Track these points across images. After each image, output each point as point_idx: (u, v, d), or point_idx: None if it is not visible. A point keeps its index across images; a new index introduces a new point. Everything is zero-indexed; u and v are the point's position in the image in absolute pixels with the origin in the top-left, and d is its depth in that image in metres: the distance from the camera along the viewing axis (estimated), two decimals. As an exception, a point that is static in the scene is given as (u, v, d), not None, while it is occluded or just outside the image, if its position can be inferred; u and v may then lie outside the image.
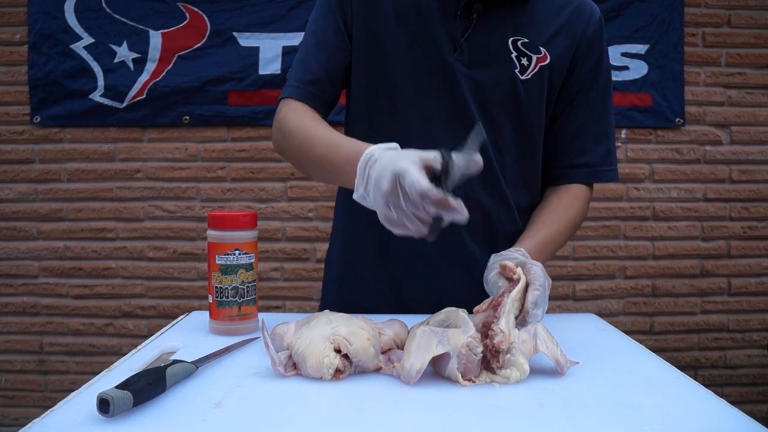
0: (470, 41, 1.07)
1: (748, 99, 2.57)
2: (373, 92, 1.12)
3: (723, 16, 2.55)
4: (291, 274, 2.56)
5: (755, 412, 2.53)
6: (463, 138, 0.85)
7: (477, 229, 1.11)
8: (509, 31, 1.08)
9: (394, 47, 1.09)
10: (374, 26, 1.09)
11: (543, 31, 1.09)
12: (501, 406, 0.72)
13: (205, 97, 2.49)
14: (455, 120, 1.08)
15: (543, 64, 1.09)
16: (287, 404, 0.73)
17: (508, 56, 1.08)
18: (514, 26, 1.08)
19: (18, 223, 2.55)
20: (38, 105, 2.50)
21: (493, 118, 1.09)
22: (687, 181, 2.58)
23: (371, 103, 1.13)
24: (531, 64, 1.08)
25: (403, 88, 1.10)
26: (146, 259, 2.56)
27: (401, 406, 0.72)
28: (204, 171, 2.55)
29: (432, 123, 1.09)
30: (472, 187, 1.07)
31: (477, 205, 1.10)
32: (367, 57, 1.11)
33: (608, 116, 1.16)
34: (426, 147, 0.84)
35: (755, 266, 2.61)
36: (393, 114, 1.11)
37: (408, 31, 1.08)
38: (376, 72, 1.11)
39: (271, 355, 0.81)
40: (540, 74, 1.09)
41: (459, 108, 1.08)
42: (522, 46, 1.08)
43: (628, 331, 1.10)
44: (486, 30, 1.07)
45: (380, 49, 1.10)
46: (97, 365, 2.45)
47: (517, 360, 0.78)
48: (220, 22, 2.48)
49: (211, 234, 1.01)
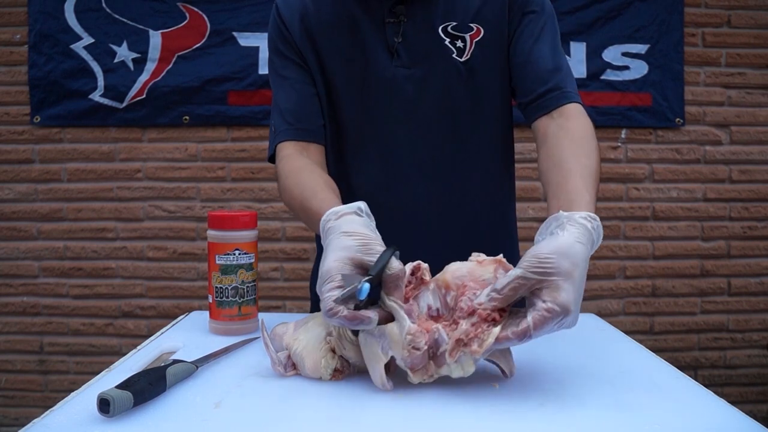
0: (404, 44, 1.09)
1: (748, 99, 2.57)
2: (332, 118, 1.15)
3: (723, 16, 2.55)
4: (291, 274, 2.56)
5: (755, 412, 2.53)
6: (420, 142, 0.97)
7: (467, 227, 1.14)
8: (437, 21, 1.09)
9: (338, 71, 1.11)
10: (318, 55, 1.12)
11: (469, 8, 1.10)
12: (501, 406, 0.72)
13: (205, 97, 2.49)
14: (408, 123, 1.11)
15: (478, 39, 1.10)
16: (287, 404, 0.73)
17: (442, 45, 1.09)
18: (440, 14, 1.10)
19: (18, 223, 2.55)
20: (38, 105, 2.50)
21: (447, 108, 1.11)
22: (687, 181, 2.58)
23: (333, 130, 1.15)
24: (466, 44, 1.09)
25: (350, 106, 1.12)
26: (146, 259, 2.56)
27: (400, 405, 0.72)
28: (204, 171, 2.55)
29: (386, 134, 1.11)
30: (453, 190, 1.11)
31: (465, 208, 1.13)
32: (323, 85, 1.13)
33: (558, 50, 1.11)
34: (385, 160, 1.02)
35: (755, 266, 2.61)
36: (352, 136, 1.14)
37: (345, 52, 1.11)
38: (326, 97, 1.14)
39: (271, 355, 0.81)
40: (479, 48, 1.10)
41: (410, 111, 1.10)
42: (452, 30, 1.09)
43: (628, 331, 1.10)
44: (416, 27, 1.09)
45: (326, 76, 1.12)
46: (97, 365, 2.45)
47: (468, 359, 0.73)
48: (219, 22, 2.48)
49: (211, 234, 1.01)
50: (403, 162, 1.12)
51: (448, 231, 1.14)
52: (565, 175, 0.91)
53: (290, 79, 1.14)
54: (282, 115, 1.13)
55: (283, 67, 1.14)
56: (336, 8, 1.12)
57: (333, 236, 0.81)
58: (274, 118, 1.15)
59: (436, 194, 1.13)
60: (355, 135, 1.14)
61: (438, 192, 1.13)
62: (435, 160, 1.12)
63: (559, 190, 0.89)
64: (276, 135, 1.13)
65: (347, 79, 1.12)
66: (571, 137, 0.99)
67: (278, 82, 1.15)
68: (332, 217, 0.85)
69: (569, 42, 2.48)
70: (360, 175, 1.15)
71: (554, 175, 0.93)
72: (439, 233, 1.13)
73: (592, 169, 0.92)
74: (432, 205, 1.13)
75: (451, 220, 1.14)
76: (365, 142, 1.13)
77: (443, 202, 1.13)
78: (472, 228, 1.15)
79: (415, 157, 1.12)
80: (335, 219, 0.85)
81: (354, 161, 1.15)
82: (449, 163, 1.13)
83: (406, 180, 1.12)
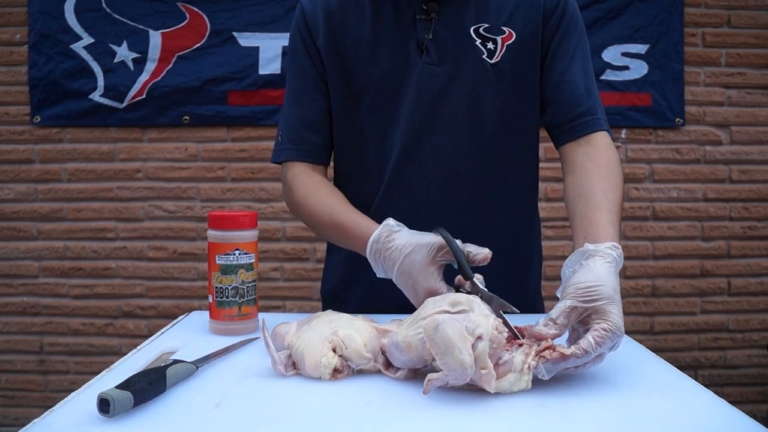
0: (434, 41, 1.09)
1: (748, 99, 2.57)
2: (351, 126, 1.14)
3: (723, 16, 2.55)
4: (291, 274, 2.56)
5: (755, 412, 2.53)
6: (443, 140, 1.01)
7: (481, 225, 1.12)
8: (469, 21, 1.09)
9: (364, 71, 1.11)
10: (341, 58, 1.12)
11: (502, 11, 1.10)
12: (501, 406, 0.72)
13: (205, 97, 2.49)
14: (432, 121, 1.10)
15: (509, 42, 1.10)
16: (287, 404, 0.73)
17: (473, 45, 1.09)
18: (472, 15, 1.09)
19: (18, 223, 2.55)
20: (38, 105, 2.50)
21: (473, 109, 1.10)
22: (687, 181, 2.58)
23: (352, 138, 1.15)
24: (497, 46, 1.09)
25: (374, 103, 1.12)
26: (146, 259, 2.56)
27: (401, 405, 0.72)
28: (204, 171, 2.55)
29: (410, 132, 1.10)
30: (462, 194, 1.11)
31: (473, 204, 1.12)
32: (342, 92, 1.13)
33: (589, 71, 1.13)
34: (407, 159, 1.05)
35: (755, 266, 2.61)
36: (373, 134, 1.13)
37: (372, 50, 1.10)
38: (349, 106, 1.13)
39: (272, 355, 0.81)
40: (509, 53, 1.10)
41: (435, 109, 1.10)
42: (484, 31, 1.09)
43: (628, 331, 1.09)
44: (447, 26, 1.09)
45: (352, 78, 1.12)
46: (97, 365, 2.45)
47: (529, 376, 0.75)
48: (220, 22, 2.48)
49: (211, 234, 1.01)
50: (426, 161, 1.11)
51: (468, 226, 1.11)
52: (592, 208, 0.95)
53: (305, 89, 1.15)
54: (291, 130, 1.15)
55: (299, 73, 1.15)
56: (361, 4, 1.11)
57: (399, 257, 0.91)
58: (282, 129, 1.17)
59: (458, 192, 1.12)
60: (377, 134, 1.13)
61: (459, 190, 1.12)
62: (458, 160, 1.11)
63: (585, 222, 0.95)
64: (282, 151, 1.15)
65: (370, 75, 1.10)
66: (599, 169, 1.02)
67: (296, 92, 1.16)
68: (383, 236, 0.93)
69: (569, 42, 2.48)
70: (380, 174, 1.13)
71: (581, 206, 0.98)
72: (460, 229, 1.12)
73: (617, 203, 0.97)
74: (453, 203, 1.12)
75: (470, 217, 1.12)
76: (387, 140, 1.12)
77: (463, 199, 1.12)
78: (494, 228, 1.13)
79: (438, 157, 1.11)
80: (386, 237, 0.93)
81: (374, 161, 1.14)
82: (472, 164, 1.11)
83: (428, 180, 1.11)
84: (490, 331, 0.73)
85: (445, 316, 0.74)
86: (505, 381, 0.74)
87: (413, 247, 0.89)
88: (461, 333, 0.71)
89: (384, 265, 0.93)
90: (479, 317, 0.74)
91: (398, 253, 0.90)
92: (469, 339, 0.71)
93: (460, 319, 0.73)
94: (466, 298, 0.78)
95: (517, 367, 0.74)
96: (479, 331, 0.72)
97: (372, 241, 0.94)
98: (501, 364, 0.74)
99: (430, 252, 0.89)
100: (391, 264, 0.92)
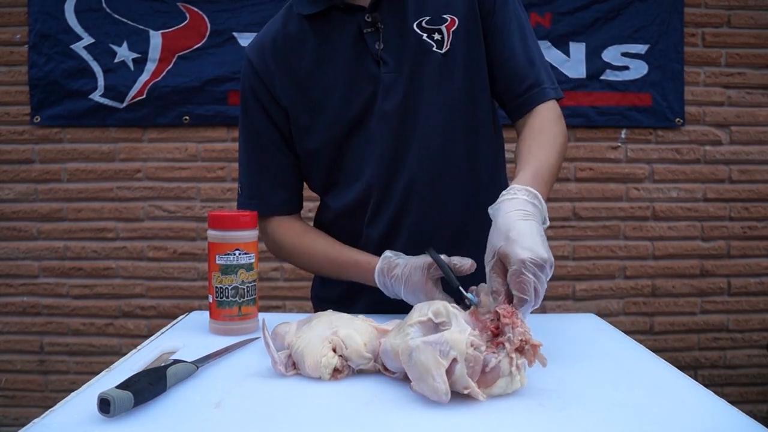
0: (387, 49, 1.09)
1: (748, 99, 2.57)
2: (324, 152, 1.16)
3: (723, 16, 2.55)
4: (291, 274, 2.56)
5: (755, 412, 2.53)
6: (417, 140, 1.07)
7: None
8: (411, 18, 1.09)
9: (330, 99, 1.11)
10: (305, 93, 1.13)
11: (438, 0, 1.10)
12: (501, 406, 0.72)
13: (205, 97, 2.49)
14: (403, 125, 1.10)
15: (454, 28, 1.10)
16: (287, 404, 0.73)
17: (421, 41, 1.09)
18: (412, 12, 1.10)
19: (18, 223, 2.55)
20: (38, 105, 2.50)
21: (441, 103, 1.10)
22: (687, 181, 2.58)
23: (326, 168, 1.17)
24: (444, 35, 1.09)
25: (340, 125, 1.12)
26: (146, 259, 2.56)
27: (401, 405, 0.72)
28: (204, 171, 2.55)
29: (384, 141, 1.11)
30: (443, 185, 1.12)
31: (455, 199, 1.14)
32: (314, 127, 1.14)
33: (529, 40, 1.13)
34: (385, 165, 1.09)
35: (755, 266, 2.61)
36: (348, 155, 1.14)
37: (334, 76, 1.11)
38: (327, 136, 1.14)
39: (272, 355, 0.81)
40: (456, 39, 1.10)
41: (405, 113, 1.10)
42: (427, 24, 1.10)
43: (628, 331, 1.10)
44: (393, 31, 1.09)
45: (323, 109, 1.12)
46: (97, 365, 2.45)
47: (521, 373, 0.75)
48: (220, 22, 2.48)
49: (211, 234, 1.01)
50: (405, 160, 1.11)
51: (449, 225, 1.14)
52: (516, 171, 1.00)
53: (265, 148, 1.19)
54: (254, 186, 1.22)
55: (256, 132, 1.21)
56: (304, 34, 1.12)
57: (403, 280, 1.02)
58: (244, 185, 1.24)
59: (431, 186, 1.12)
60: (353, 153, 1.13)
61: (435, 184, 1.12)
62: (435, 155, 1.11)
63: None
64: (249, 205, 1.20)
65: (338, 101, 1.11)
66: (531, 132, 1.08)
67: (250, 149, 1.23)
68: (385, 268, 1.04)
69: (569, 42, 2.48)
70: (361, 180, 1.14)
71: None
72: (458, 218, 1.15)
73: (543, 158, 1.01)
74: (431, 197, 1.12)
75: (452, 216, 1.14)
76: (363, 154, 1.13)
77: (439, 193, 1.13)
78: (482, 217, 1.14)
79: (414, 155, 1.11)
80: (388, 268, 1.04)
81: (351, 172, 1.15)
82: (449, 157, 1.12)
83: (409, 179, 1.12)
84: (464, 351, 0.71)
85: (418, 341, 0.73)
86: (496, 387, 0.74)
87: (411, 271, 1.01)
88: (435, 360, 0.71)
89: (393, 290, 1.05)
90: (454, 335, 0.72)
91: (400, 279, 1.02)
92: (443, 364, 0.71)
93: (433, 342, 0.72)
94: (447, 310, 0.78)
95: (505, 371, 0.73)
96: (452, 354, 0.71)
97: (377, 275, 1.06)
98: (488, 371, 0.73)
99: (423, 271, 0.99)
100: (398, 288, 1.03)
